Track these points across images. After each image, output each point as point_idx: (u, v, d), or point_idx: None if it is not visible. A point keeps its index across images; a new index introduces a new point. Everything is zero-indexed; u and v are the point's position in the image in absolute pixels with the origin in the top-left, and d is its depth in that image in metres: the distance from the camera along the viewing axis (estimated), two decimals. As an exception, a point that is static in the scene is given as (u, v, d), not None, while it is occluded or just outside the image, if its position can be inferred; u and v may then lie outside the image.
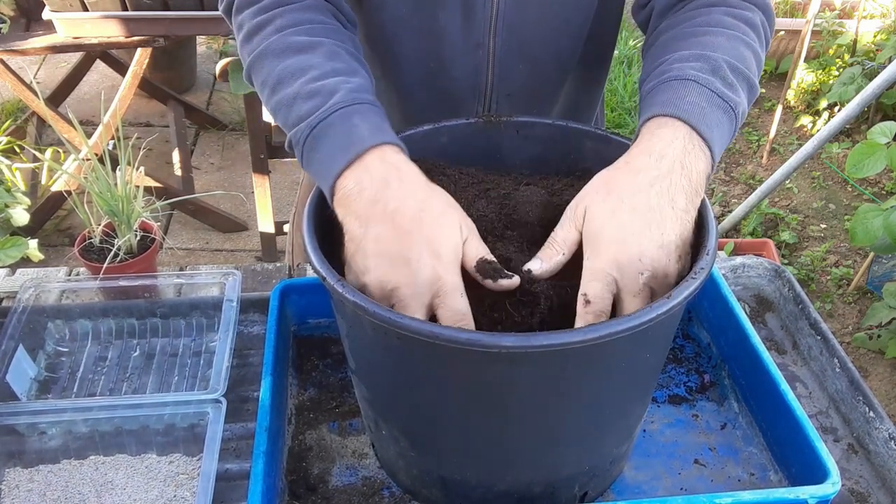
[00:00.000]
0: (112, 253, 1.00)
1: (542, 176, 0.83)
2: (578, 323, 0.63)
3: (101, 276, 1.00)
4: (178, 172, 2.77)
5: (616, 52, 3.55)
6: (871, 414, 0.86)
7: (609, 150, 0.80)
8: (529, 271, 0.66)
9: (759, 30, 0.81)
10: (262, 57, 0.78)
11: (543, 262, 0.67)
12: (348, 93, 0.71)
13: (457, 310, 0.62)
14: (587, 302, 0.63)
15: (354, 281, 0.66)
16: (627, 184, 0.66)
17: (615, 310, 0.65)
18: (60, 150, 1.65)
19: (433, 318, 0.63)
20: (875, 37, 3.30)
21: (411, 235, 0.63)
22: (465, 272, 0.65)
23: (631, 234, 0.64)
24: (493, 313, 0.67)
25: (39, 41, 2.24)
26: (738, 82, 0.74)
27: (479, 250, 0.66)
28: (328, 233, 0.72)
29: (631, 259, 0.63)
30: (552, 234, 0.69)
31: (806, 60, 3.31)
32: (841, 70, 3.22)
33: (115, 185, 1.01)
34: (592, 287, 0.63)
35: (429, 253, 0.63)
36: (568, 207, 0.69)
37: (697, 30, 0.78)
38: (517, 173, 0.84)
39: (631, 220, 0.64)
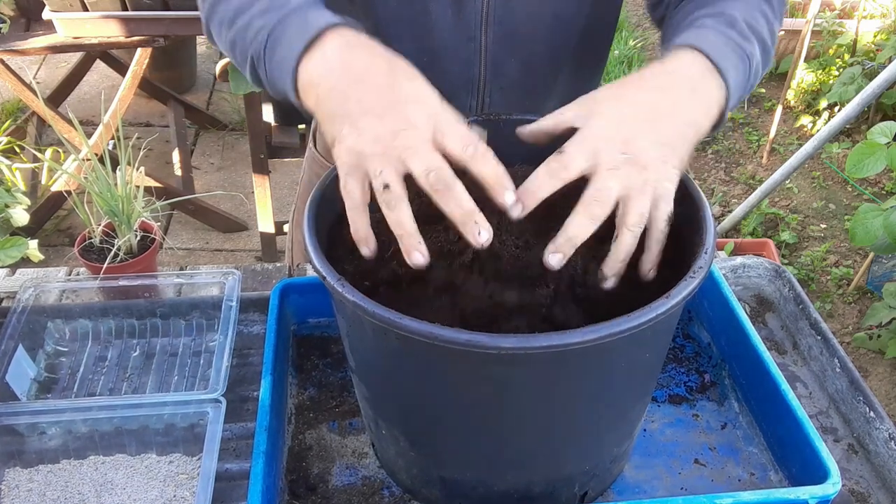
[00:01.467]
0: (112, 253, 1.00)
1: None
2: (540, 170, 0.62)
3: (101, 276, 1.00)
4: (178, 172, 2.77)
5: (616, 52, 3.56)
6: (872, 414, 0.86)
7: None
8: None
9: (772, 4, 0.81)
10: (217, 1, 0.78)
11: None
12: (303, 1, 0.70)
13: (462, 134, 0.61)
14: (560, 153, 0.62)
15: (345, 158, 0.63)
16: (634, 86, 0.66)
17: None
18: (60, 150, 1.65)
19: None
20: (875, 37, 3.30)
21: (392, 87, 0.63)
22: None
23: (626, 119, 0.63)
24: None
25: (39, 41, 2.24)
26: (753, 37, 0.75)
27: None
28: (329, 232, 0.72)
29: (615, 139, 0.62)
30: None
31: (806, 60, 3.31)
32: (841, 70, 3.22)
33: (116, 185, 1.01)
34: (573, 147, 0.62)
35: (426, 95, 0.62)
36: (572, 102, 0.69)
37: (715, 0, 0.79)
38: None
39: (633, 111, 0.64)
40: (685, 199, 0.74)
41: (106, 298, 1.03)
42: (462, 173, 0.62)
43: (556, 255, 0.61)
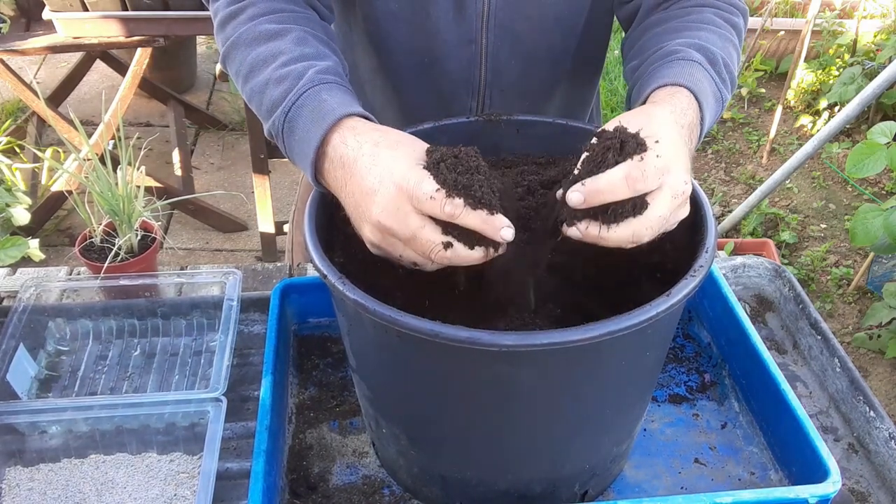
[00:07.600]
0: (113, 252, 1.00)
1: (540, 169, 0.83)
2: (617, 174, 0.59)
3: (101, 275, 1.00)
4: (178, 172, 2.77)
5: (616, 51, 3.56)
6: (872, 413, 0.87)
7: (609, 149, 0.81)
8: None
9: (741, 33, 0.87)
10: (234, 46, 0.82)
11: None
12: (315, 74, 0.74)
13: (431, 196, 0.60)
14: (641, 161, 0.59)
15: (368, 243, 0.66)
16: (665, 114, 0.68)
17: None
18: (60, 150, 1.65)
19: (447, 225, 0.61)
20: (875, 37, 3.30)
21: (370, 171, 0.64)
22: None
23: (682, 153, 0.64)
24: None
25: (39, 41, 2.24)
26: (728, 79, 0.80)
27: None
28: (329, 231, 0.72)
29: (681, 169, 0.63)
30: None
31: (806, 60, 3.31)
32: (841, 70, 3.22)
33: (116, 184, 1.01)
34: (652, 163, 0.60)
35: (387, 173, 0.62)
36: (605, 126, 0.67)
37: (692, 25, 0.83)
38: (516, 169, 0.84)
39: (683, 145, 0.65)
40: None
41: (107, 298, 1.03)
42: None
43: (577, 196, 0.60)
